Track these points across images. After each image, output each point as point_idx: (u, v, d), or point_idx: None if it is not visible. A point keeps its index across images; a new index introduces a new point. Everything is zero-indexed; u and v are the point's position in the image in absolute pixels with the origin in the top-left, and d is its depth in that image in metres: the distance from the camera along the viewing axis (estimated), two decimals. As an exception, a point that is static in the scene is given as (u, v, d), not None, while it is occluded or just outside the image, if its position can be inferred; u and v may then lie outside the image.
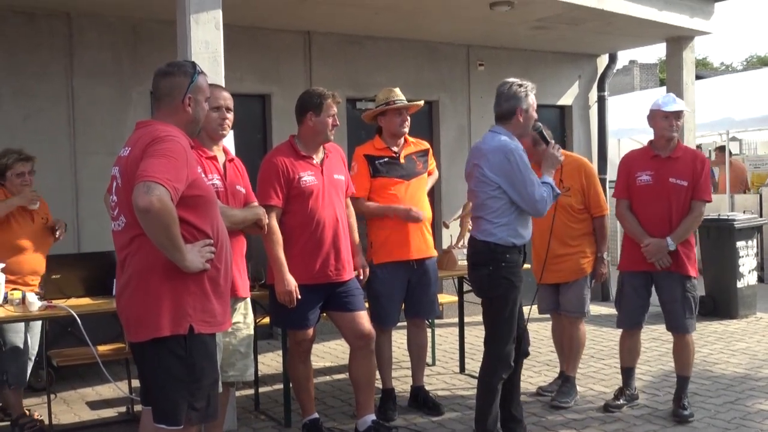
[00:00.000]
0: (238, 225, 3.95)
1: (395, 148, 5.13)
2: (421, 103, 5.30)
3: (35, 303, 4.33)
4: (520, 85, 4.30)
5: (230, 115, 4.08)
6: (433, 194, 8.45)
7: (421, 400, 5.31)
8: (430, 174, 5.39)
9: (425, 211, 5.14)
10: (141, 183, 2.74)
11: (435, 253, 5.26)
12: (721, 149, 12.43)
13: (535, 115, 4.36)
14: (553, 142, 4.50)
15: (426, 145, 5.39)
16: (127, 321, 3.03)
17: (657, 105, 4.98)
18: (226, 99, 4.07)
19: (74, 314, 4.24)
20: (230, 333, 4.02)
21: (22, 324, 4.82)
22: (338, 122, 4.56)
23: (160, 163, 2.80)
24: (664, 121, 4.93)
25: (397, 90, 5.17)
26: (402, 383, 5.73)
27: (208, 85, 3.29)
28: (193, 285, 2.95)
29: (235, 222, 3.89)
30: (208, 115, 3.89)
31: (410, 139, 5.26)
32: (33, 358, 5.05)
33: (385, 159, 5.09)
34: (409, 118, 5.14)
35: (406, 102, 5.11)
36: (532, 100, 4.32)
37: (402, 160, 5.12)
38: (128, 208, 2.87)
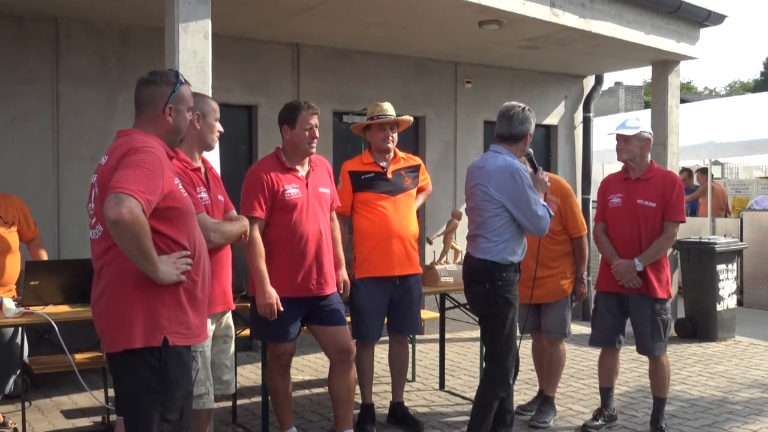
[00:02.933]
0: (231, 240, 3.91)
1: (383, 163, 5.12)
2: (408, 119, 5.26)
3: (12, 309, 4.27)
4: (530, 110, 4.41)
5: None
6: (418, 210, 8.47)
7: (400, 416, 5.29)
8: (423, 189, 5.39)
9: (411, 226, 5.12)
10: (112, 194, 2.71)
11: (419, 270, 5.24)
12: (702, 171, 12.52)
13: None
14: (540, 167, 4.51)
15: (417, 161, 5.38)
16: (101, 331, 3.00)
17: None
18: (218, 111, 4.05)
19: (51, 321, 4.18)
20: (220, 347, 4.00)
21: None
22: (317, 134, 4.49)
23: (134, 174, 2.77)
24: (616, 144, 5.06)
25: (386, 105, 5.14)
26: (381, 398, 5.71)
27: (196, 94, 3.27)
28: (167, 296, 2.92)
29: (229, 238, 3.85)
30: (212, 126, 3.88)
31: (401, 154, 5.25)
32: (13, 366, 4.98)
33: (371, 174, 5.07)
34: (395, 134, 5.11)
35: (390, 117, 5.09)
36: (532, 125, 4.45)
37: (389, 176, 5.10)
38: (104, 217, 2.85)
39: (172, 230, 2.95)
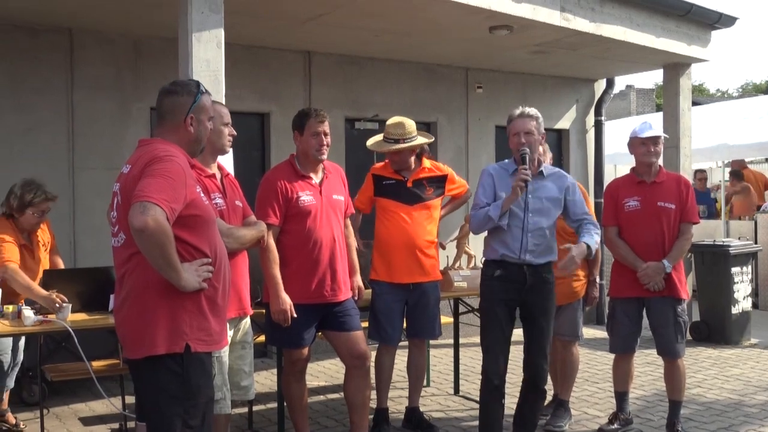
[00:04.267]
0: (246, 245, 3.95)
1: (405, 174, 5.16)
2: (420, 142, 5.13)
3: (30, 317, 4.32)
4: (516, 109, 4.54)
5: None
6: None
7: (416, 422, 5.30)
8: (457, 197, 5.48)
9: (427, 236, 5.14)
10: (137, 203, 2.75)
11: (437, 277, 5.26)
12: (734, 174, 12.38)
13: (521, 140, 4.42)
14: (525, 166, 4.38)
15: (444, 171, 5.36)
16: (123, 338, 3.04)
17: (634, 132, 5.08)
18: (229, 115, 4.09)
19: (69, 329, 4.23)
20: (239, 353, 4.03)
21: (9, 342, 4.81)
22: (325, 141, 4.48)
23: (157, 183, 2.81)
24: (641, 147, 5.02)
25: (405, 124, 5.07)
26: (396, 403, 5.72)
27: (214, 101, 3.30)
28: (189, 303, 2.95)
29: (244, 243, 3.90)
30: (221, 131, 3.91)
31: (427, 164, 5.27)
32: (14, 373, 5.03)
33: (392, 181, 5.13)
34: (410, 157, 5.12)
35: (401, 144, 5.06)
36: (511, 125, 4.50)
37: (410, 184, 5.14)
38: (127, 225, 2.88)
39: (194, 238, 2.98)
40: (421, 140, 5.14)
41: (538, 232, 4.37)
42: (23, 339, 5.11)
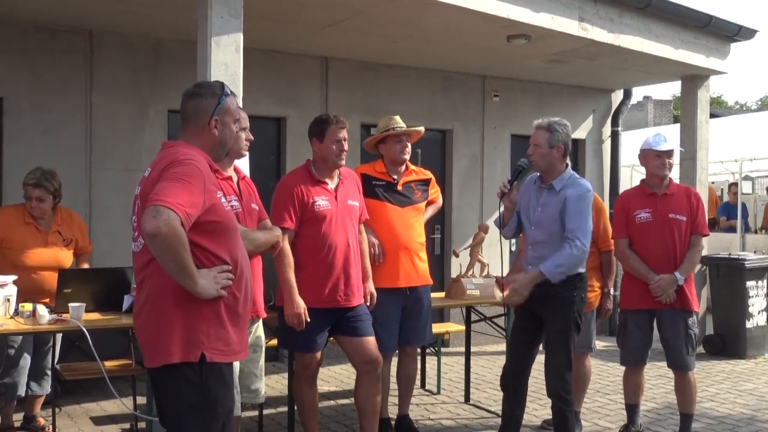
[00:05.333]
0: (260, 248, 3.95)
1: (395, 176, 5.15)
2: (421, 129, 5.27)
3: (45, 316, 4.35)
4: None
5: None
6: (443, 222, 8.49)
7: (405, 430, 5.27)
8: (432, 202, 5.41)
9: (418, 238, 5.14)
10: (151, 206, 2.66)
11: (429, 281, 5.24)
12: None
13: (528, 151, 4.53)
14: (510, 179, 4.55)
15: (428, 174, 5.40)
16: (142, 345, 2.97)
17: (648, 144, 5.05)
18: (247, 119, 4.11)
19: (84, 328, 4.25)
20: (250, 356, 4.02)
21: (20, 337, 4.83)
22: (345, 147, 4.53)
23: (173, 186, 2.72)
24: (656, 159, 5.00)
25: (397, 117, 5.19)
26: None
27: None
28: (207, 311, 2.86)
29: (258, 245, 3.90)
30: (237, 135, 3.92)
31: (413, 167, 5.29)
32: (26, 372, 5.06)
33: (383, 183, 5.11)
34: (409, 145, 5.16)
35: (405, 128, 5.14)
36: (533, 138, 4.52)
37: (399, 187, 5.13)
38: None
39: (213, 244, 2.89)
40: (420, 128, 5.23)
41: (538, 246, 4.44)
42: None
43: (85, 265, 5.27)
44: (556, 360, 4.40)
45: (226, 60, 4.92)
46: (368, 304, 4.78)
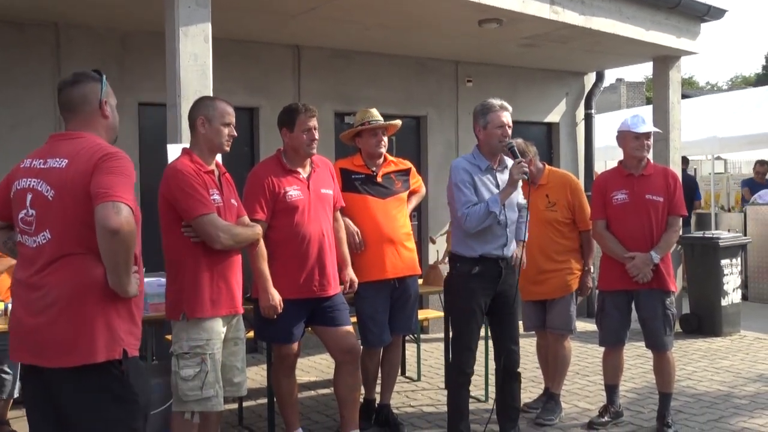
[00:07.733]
0: (241, 244, 3.93)
1: (374, 168, 5.11)
2: (398, 123, 5.22)
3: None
4: (483, 104, 4.55)
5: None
6: (420, 209, 8.47)
7: (384, 418, 5.26)
8: (415, 192, 5.37)
9: (403, 229, 5.11)
10: (110, 202, 2.64)
11: (417, 271, 5.21)
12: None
13: (496, 131, 4.48)
14: (519, 158, 4.47)
15: (408, 164, 5.36)
16: (45, 344, 2.80)
17: (626, 126, 5.06)
18: (233, 115, 4.05)
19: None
20: (231, 349, 4.00)
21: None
22: (316, 136, 4.50)
23: (120, 182, 2.72)
24: (634, 141, 5.02)
25: (374, 110, 5.15)
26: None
27: (218, 99, 3.18)
28: (122, 309, 2.87)
29: (239, 241, 3.87)
30: (218, 130, 3.88)
31: (391, 158, 5.25)
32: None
33: (362, 176, 5.06)
34: (385, 138, 5.10)
35: (381, 122, 5.09)
36: (491, 118, 4.47)
37: (379, 179, 5.09)
38: (61, 223, 2.77)
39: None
40: (396, 122, 5.20)
41: (512, 227, 4.56)
42: None
43: None
44: (516, 334, 4.74)
45: (195, 50, 4.86)
46: (348, 290, 4.76)
